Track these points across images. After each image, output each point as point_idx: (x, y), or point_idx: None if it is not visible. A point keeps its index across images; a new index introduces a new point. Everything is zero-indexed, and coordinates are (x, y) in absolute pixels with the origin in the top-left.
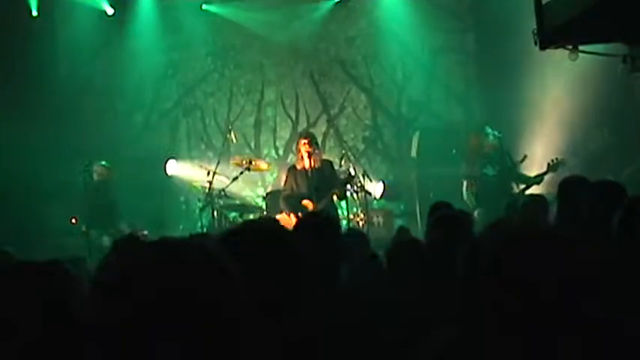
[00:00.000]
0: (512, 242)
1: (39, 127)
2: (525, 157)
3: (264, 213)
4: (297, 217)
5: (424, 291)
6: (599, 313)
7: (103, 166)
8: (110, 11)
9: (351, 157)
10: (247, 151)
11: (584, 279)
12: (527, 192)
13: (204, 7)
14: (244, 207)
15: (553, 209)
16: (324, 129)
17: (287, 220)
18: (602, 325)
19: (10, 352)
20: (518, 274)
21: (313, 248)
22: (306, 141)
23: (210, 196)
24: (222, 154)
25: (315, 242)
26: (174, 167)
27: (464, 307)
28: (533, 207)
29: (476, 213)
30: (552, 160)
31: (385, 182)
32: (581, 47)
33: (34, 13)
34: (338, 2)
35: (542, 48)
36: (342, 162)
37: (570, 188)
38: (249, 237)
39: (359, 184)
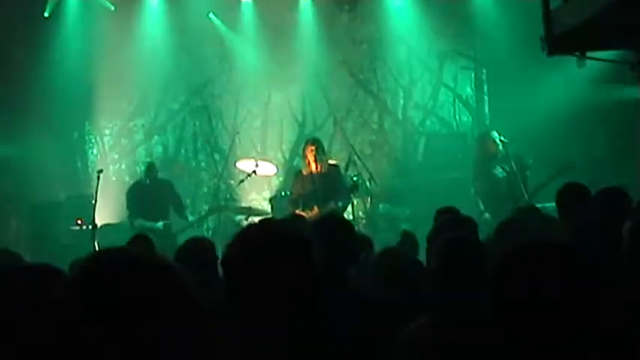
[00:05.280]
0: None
1: (45, 127)
2: (531, 162)
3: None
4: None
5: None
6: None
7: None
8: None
9: (358, 161)
10: (253, 153)
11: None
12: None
13: (210, 15)
14: (250, 210)
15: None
16: (330, 132)
17: None
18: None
19: (10, 352)
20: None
21: (325, 248)
22: (313, 147)
23: (217, 198)
24: (229, 157)
25: (327, 242)
26: None
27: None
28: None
29: (486, 215)
30: (560, 165)
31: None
32: (588, 54)
33: (46, 13)
34: (348, 9)
35: (550, 54)
36: (349, 166)
37: (570, 196)
38: (267, 235)
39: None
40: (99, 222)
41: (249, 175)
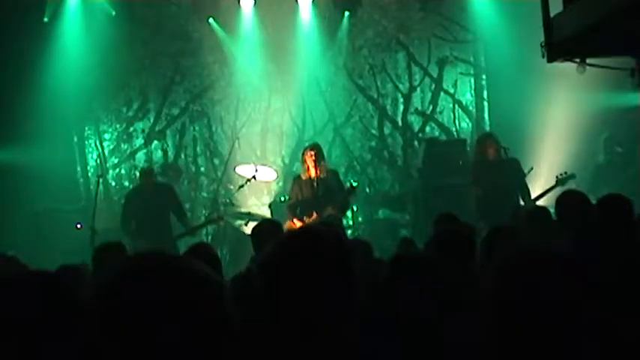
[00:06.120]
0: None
1: (44, 131)
2: (531, 169)
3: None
4: (302, 223)
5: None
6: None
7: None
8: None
9: (357, 167)
10: (253, 158)
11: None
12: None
13: (210, 20)
14: (250, 215)
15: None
16: (330, 138)
17: (293, 227)
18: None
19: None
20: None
21: None
22: (312, 152)
23: (216, 203)
24: (229, 162)
25: None
26: None
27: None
28: (537, 217)
29: (482, 223)
30: (561, 174)
31: None
32: (588, 60)
33: (46, 18)
34: (348, 15)
35: (550, 60)
36: (348, 172)
37: (569, 203)
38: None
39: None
40: (98, 226)
41: (248, 180)
